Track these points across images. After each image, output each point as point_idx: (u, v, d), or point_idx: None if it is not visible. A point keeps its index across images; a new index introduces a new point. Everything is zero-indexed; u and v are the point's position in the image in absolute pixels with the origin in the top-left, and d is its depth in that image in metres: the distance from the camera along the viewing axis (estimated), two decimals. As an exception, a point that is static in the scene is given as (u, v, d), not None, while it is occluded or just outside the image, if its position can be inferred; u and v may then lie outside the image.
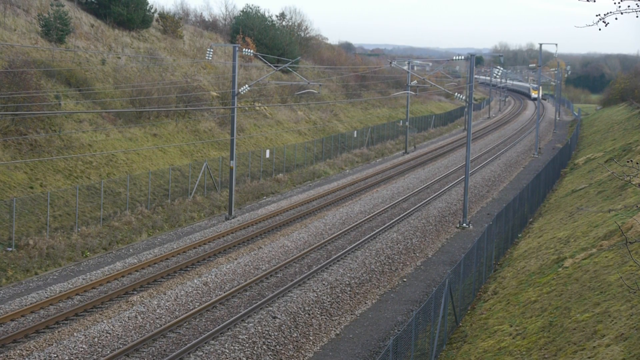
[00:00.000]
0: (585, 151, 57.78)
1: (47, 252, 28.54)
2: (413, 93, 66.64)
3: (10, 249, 27.97)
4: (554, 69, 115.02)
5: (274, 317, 21.21)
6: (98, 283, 25.01)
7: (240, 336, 19.73)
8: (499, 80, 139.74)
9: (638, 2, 9.66)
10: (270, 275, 25.85)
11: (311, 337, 20.37)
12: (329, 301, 23.11)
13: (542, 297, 19.18)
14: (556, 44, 75.80)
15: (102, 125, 47.18)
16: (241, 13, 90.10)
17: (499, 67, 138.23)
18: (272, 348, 19.33)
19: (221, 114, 60.10)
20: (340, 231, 32.18)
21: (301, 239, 31.32)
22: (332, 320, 21.78)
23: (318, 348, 19.77)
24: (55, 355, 18.66)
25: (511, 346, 16.57)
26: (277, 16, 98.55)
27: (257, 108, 67.81)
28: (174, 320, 21.04)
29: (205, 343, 19.17)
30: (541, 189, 38.80)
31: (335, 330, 21.05)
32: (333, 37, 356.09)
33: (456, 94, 42.37)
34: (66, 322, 21.44)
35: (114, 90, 52.66)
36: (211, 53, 44.85)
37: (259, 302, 22.15)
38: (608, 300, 16.30)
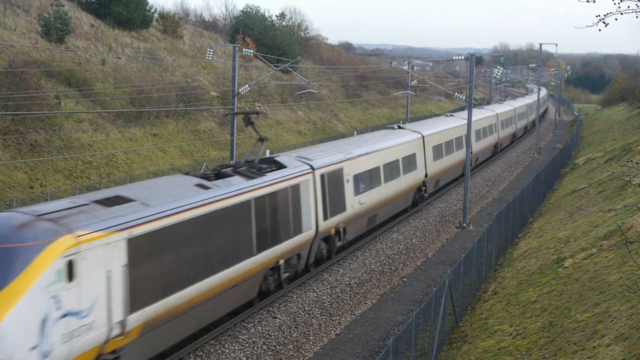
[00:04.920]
0: (585, 151, 57.79)
1: (47, 252, 28.50)
2: (413, 93, 66.68)
3: (10, 249, 27.93)
4: (554, 69, 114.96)
5: (274, 317, 21.21)
6: (98, 283, 24.89)
7: (240, 336, 19.74)
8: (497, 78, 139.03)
9: (638, 2, 9.66)
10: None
11: (311, 337, 20.37)
12: (329, 301, 23.12)
13: (542, 297, 19.19)
14: (556, 44, 75.73)
15: (102, 125, 47.19)
16: (241, 13, 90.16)
17: (499, 67, 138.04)
18: (272, 348, 19.33)
19: (221, 114, 60.09)
20: (340, 231, 31.98)
21: (301, 239, 31.21)
22: (332, 320, 21.78)
23: (318, 348, 19.77)
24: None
25: (511, 346, 16.57)
26: (277, 16, 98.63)
27: (257, 108, 67.81)
28: (174, 320, 20.97)
29: (205, 343, 19.17)
30: (541, 189, 38.80)
31: (335, 330, 21.05)
32: (333, 37, 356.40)
33: (456, 94, 42.36)
34: (66, 322, 21.35)
35: (114, 90, 52.68)
36: (211, 53, 44.84)
37: (259, 302, 22.13)
38: (608, 300, 16.30)
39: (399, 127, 38.53)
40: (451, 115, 49.37)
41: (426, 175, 37.22)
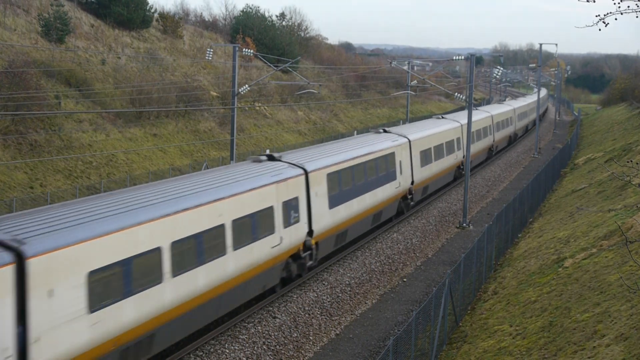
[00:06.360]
0: (585, 151, 57.79)
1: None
2: (413, 93, 66.66)
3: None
4: (554, 69, 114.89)
5: (274, 317, 21.22)
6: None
7: (240, 336, 19.74)
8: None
9: (638, 2, 9.66)
10: (270, 275, 25.76)
11: (311, 337, 20.37)
12: (329, 301, 23.12)
13: (542, 297, 19.18)
14: (556, 44, 75.83)
15: (102, 125, 47.18)
16: (241, 13, 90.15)
17: (499, 67, 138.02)
18: (272, 348, 19.34)
19: (221, 114, 60.10)
20: (340, 231, 32.02)
21: (301, 239, 31.19)
22: (332, 320, 21.78)
23: (318, 348, 19.77)
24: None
25: (511, 346, 16.57)
26: (277, 16, 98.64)
27: (257, 108, 67.80)
28: (174, 320, 20.96)
29: (206, 343, 19.17)
30: (541, 189, 38.79)
31: (335, 330, 21.05)
32: (333, 37, 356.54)
33: (456, 94, 42.35)
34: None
35: (114, 90, 52.67)
36: (211, 53, 44.83)
37: (259, 302, 22.15)
38: (608, 300, 16.30)
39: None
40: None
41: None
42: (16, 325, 12.64)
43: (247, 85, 39.81)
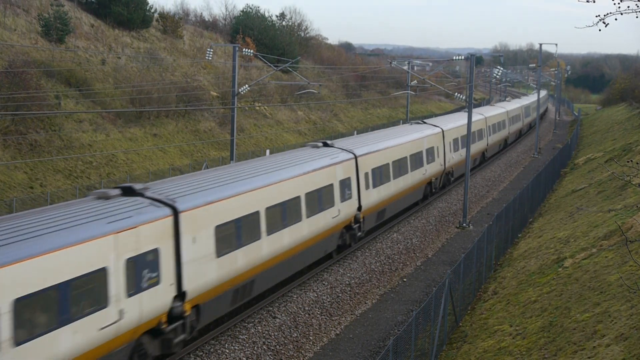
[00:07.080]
0: (585, 151, 57.77)
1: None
2: (413, 93, 66.60)
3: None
4: (554, 69, 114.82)
5: (274, 317, 21.22)
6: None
7: (240, 336, 19.74)
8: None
9: (638, 2, 9.67)
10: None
11: (311, 337, 20.37)
12: (329, 301, 23.12)
13: (542, 297, 19.18)
14: (556, 44, 75.84)
15: (102, 125, 47.16)
16: (241, 13, 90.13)
17: (499, 67, 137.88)
18: (272, 348, 19.33)
19: (221, 114, 60.11)
20: (340, 231, 31.99)
21: (301, 239, 31.18)
22: (332, 320, 21.78)
23: (318, 348, 19.76)
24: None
25: (511, 346, 16.57)
26: (277, 16, 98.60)
27: (257, 108, 67.77)
28: (174, 320, 20.94)
29: (206, 343, 19.18)
30: (541, 189, 38.78)
31: (335, 330, 21.04)
32: (333, 37, 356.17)
33: (456, 94, 42.32)
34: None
35: (114, 90, 52.66)
36: (211, 53, 44.81)
37: (259, 302, 22.15)
38: (608, 300, 16.30)
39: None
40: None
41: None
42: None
43: (247, 85, 39.78)
